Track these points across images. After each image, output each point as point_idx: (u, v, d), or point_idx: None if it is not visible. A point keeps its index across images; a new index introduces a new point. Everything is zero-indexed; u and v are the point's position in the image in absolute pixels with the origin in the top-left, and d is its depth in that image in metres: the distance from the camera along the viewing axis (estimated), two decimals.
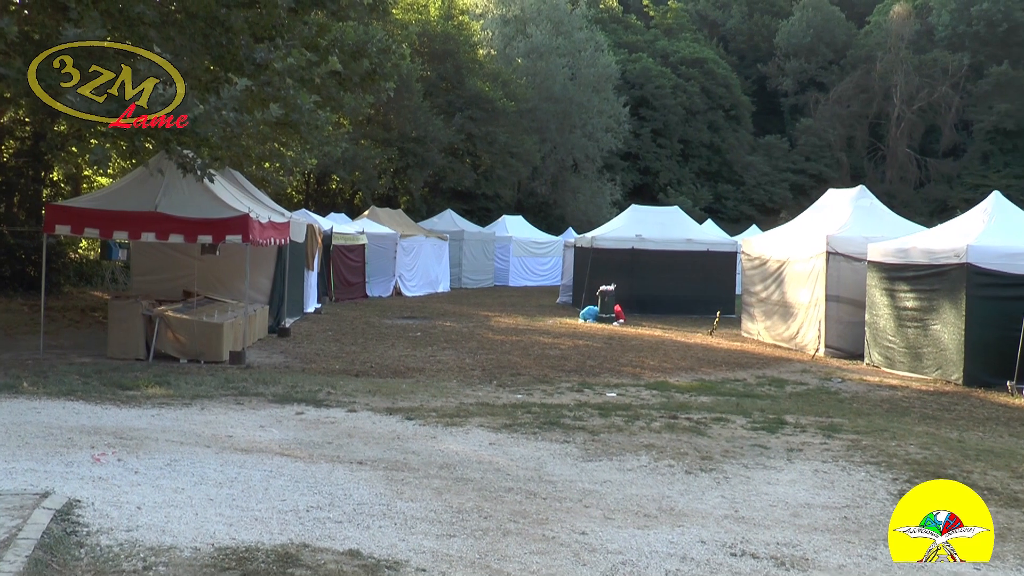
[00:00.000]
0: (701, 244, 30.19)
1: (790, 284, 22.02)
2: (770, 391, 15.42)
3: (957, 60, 72.90)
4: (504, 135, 46.34)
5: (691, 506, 7.74)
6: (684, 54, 71.46)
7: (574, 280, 31.42)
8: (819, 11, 78.68)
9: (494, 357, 18.03)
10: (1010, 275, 16.13)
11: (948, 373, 16.90)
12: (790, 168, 72.46)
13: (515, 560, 6.04)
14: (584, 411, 12.13)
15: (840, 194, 23.80)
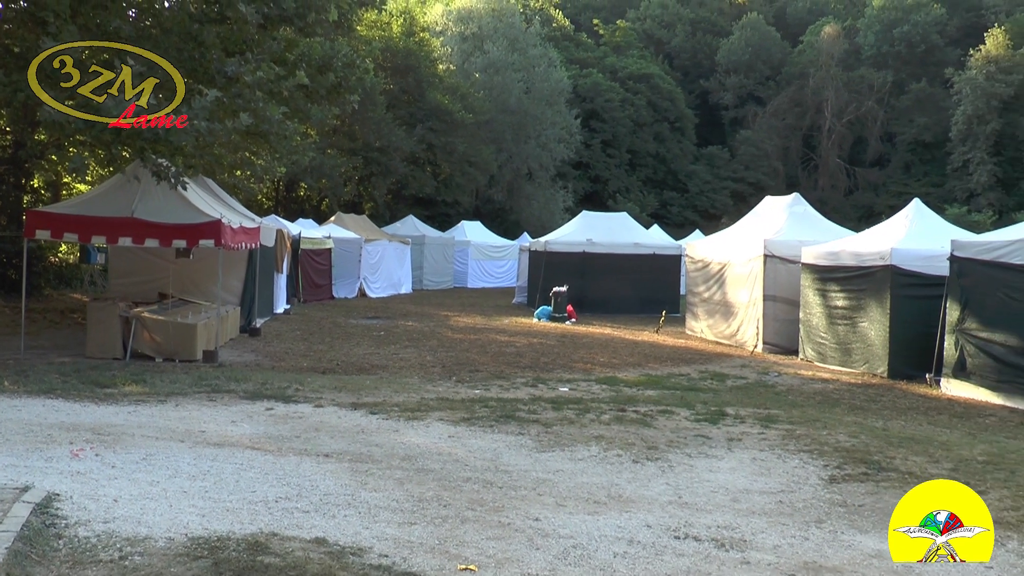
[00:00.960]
0: (648, 248, 30.28)
1: (731, 285, 22.16)
2: (712, 385, 15.51)
3: (882, 77, 73.97)
4: (463, 145, 46.36)
5: (638, 493, 7.76)
6: (632, 70, 71.70)
7: (529, 282, 31.46)
8: (756, 31, 79.34)
9: (454, 355, 17.99)
10: (929, 276, 16.32)
11: (874, 367, 17.10)
12: (730, 177, 72.96)
13: (472, 545, 6.02)
14: (538, 405, 12.11)
15: (776, 201, 23.99)
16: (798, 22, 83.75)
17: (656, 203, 67.38)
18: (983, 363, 14.78)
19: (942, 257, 15.80)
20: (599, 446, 9.56)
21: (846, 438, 10.55)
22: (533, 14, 65.05)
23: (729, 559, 6.05)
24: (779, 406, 13.16)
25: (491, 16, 54.43)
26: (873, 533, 6.83)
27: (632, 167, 69.12)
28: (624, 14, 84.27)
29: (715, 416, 11.66)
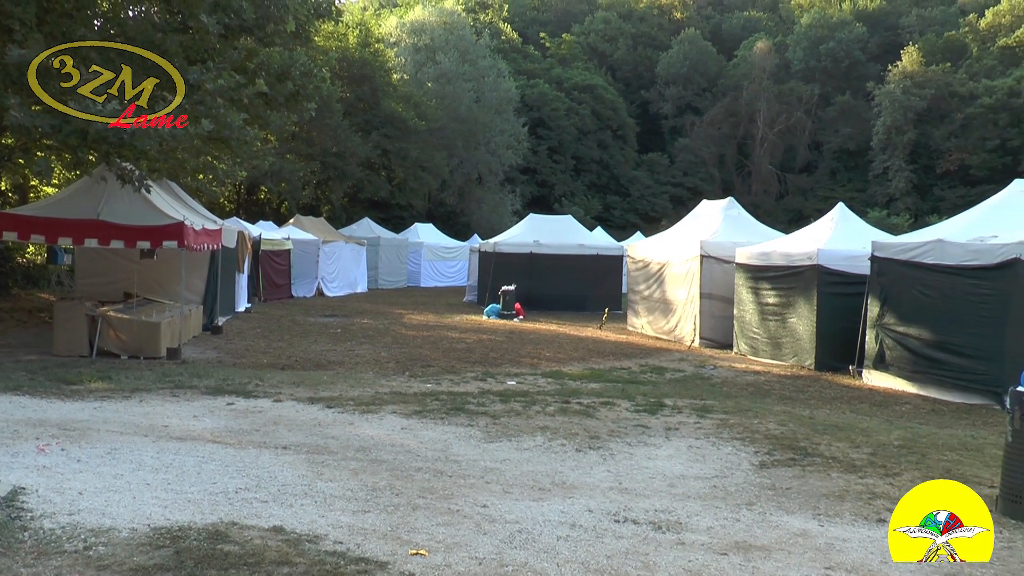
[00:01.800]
0: (591, 249, 30.39)
1: (669, 284, 22.32)
2: (652, 377, 15.60)
3: (809, 90, 74.98)
4: (416, 151, 46.28)
5: (580, 480, 7.79)
6: (576, 81, 71.93)
7: (479, 281, 31.47)
8: (694, 45, 79.99)
9: (407, 351, 17.92)
10: (852, 275, 16.58)
11: (803, 360, 17.33)
12: (670, 182, 73.45)
13: (423, 532, 6.01)
14: (487, 398, 12.12)
15: (712, 205, 24.19)
16: (732, 38, 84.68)
17: (600, 206, 67.63)
18: (900, 355, 15.06)
19: (864, 257, 16.05)
20: (544, 436, 9.58)
21: (775, 426, 10.67)
22: (483, 27, 64.99)
23: (665, 540, 6.10)
24: (714, 397, 13.28)
25: (443, 28, 54.36)
26: (799, 514, 6.93)
27: (577, 172, 69.35)
28: (569, 28, 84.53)
29: (654, 407, 11.72)
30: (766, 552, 5.95)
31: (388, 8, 71.72)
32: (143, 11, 16.94)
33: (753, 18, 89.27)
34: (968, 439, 10.45)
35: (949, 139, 65.73)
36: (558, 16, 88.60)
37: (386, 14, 61.96)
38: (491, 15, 74.42)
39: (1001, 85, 64.57)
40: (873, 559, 5.91)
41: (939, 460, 9.07)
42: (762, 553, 5.92)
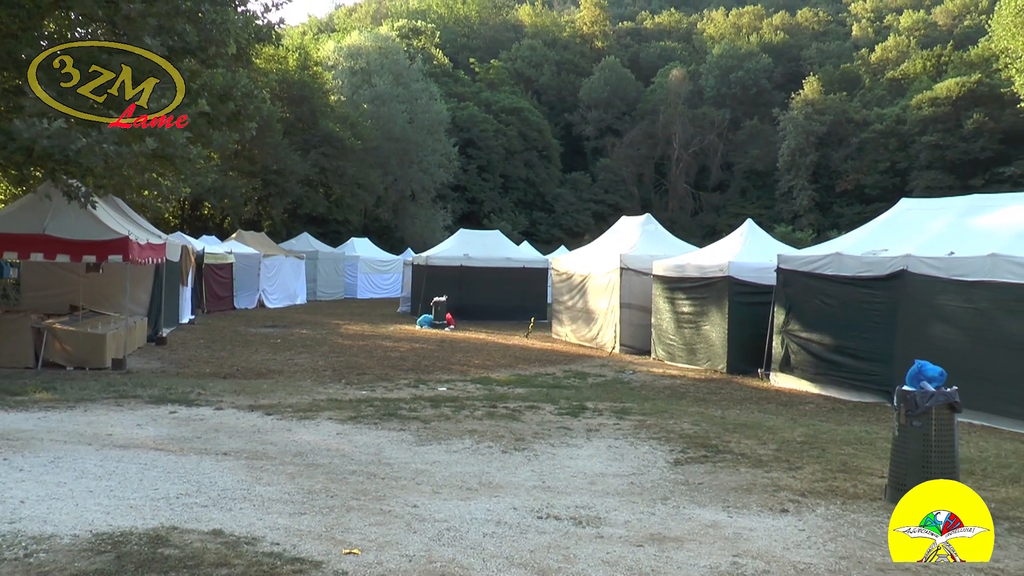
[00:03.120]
0: (518, 262, 30.49)
1: (591, 294, 22.47)
2: (575, 382, 15.68)
3: (721, 115, 76.47)
4: (352, 169, 46.02)
5: (506, 480, 7.79)
6: (504, 104, 72.17)
7: (412, 292, 31.31)
8: (614, 72, 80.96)
9: (343, 359, 17.75)
10: (760, 285, 16.89)
11: (715, 364, 17.58)
12: (592, 199, 73.97)
13: (356, 532, 5.95)
14: (418, 403, 12.05)
15: (631, 220, 24.42)
16: (650, 65, 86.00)
17: (526, 222, 67.88)
18: (804, 359, 15.39)
19: (770, 269, 16.36)
20: (472, 439, 9.57)
21: (690, 426, 10.80)
22: (416, 52, 64.74)
23: (585, 534, 6.14)
24: (633, 400, 13.38)
25: (378, 53, 54.11)
26: (710, 507, 7.03)
27: (505, 190, 69.52)
28: (497, 54, 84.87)
29: (576, 410, 11.78)
30: (679, 543, 6.02)
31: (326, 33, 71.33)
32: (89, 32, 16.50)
33: (668, 48, 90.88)
34: (863, 434, 10.73)
35: (846, 161, 67.48)
36: (487, 43, 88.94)
37: (324, 39, 61.49)
38: (423, 41, 74.26)
39: (890, 113, 66.60)
40: (777, 546, 6.02)
41: (837, 454, 9.29)
42: (675, 544, 5.99)
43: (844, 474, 8.32)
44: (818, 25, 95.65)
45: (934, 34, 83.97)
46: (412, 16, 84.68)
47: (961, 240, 13.24)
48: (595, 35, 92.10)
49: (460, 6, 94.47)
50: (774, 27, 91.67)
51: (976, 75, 60.61)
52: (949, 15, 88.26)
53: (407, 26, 75.22)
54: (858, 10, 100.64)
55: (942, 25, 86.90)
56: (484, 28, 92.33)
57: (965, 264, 12.57)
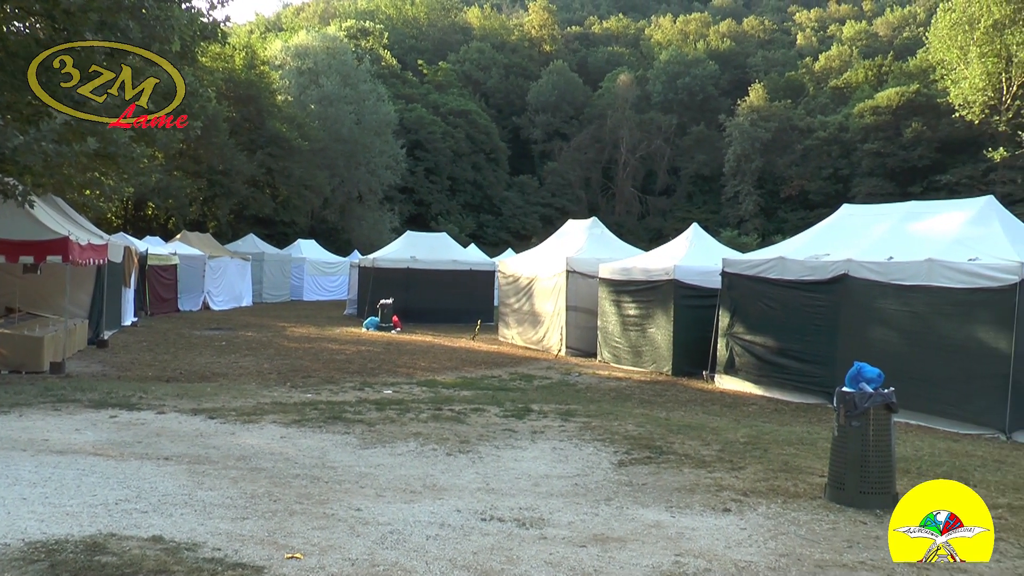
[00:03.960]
0: (465, 264, 30.44)
1: (538, 297, 22.52)
2: (520, 385, 15.67)
3: (668, 120, 77.31)
4: (299, 170, 45.66)
5: (450, 482, 7.74)
6: (452, 106, 72.16)
7: (359, 295, 31.09)
8: (562, 76, 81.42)
9: (289, 362, 17.54)
10: (705, 288, 17.08)
11: (661, 366, 17.72)
12: (539, 202, 74.27)
13: (299, 536, 5.87)
14: (364, 406, 11.94)
15: (578, 224, 24.53)
16: (597, 70, 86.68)
17: (474, 225, 67.92)
18: (748, 361, 15.59)
19: (715, 273, 16.55)
20: (417, 442, 9.49)
21: (634, 427, 10.85)
22: (364, 53, 64.41)
23: (529, 536, 6.12)
24: (578, 402, 13.41)
25: (326, 53, 53.72)
26: (653, 507, 7.05)
27: (452, 192, 69.47)
28: (446, 56, 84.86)
29: (521, 412, 11.77)
30: (622, 543, 6.03)
31: (274, 32, 70.57)
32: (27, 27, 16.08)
33: (616, 53, 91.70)
34: (804, 434, 10.90)
35: (791, 167, 68.61)
36: (435, 45, 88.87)
37: (272, 38, 60.82)
38: (372, 42, 73.86)
39: (833, 120, 67.94)
40: (719, 545, 6.07)
41: (779, 454, 9.41)
42: (618, 544, 6.00)
43: (785, 473, 8.42)
44: (763, 33, 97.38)
45: (875, 45, 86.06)
46: (360, 16, 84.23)
47: (900, 245, 13.56)
48: (543, 39, 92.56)
49: (409, 7, 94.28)
50: (720, 34, 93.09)
51: (915, 85, 62.12)
52: (889, 26, 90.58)
53: (355, 26, 74.80)
54: (802, 20, 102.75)
55: (883, 36, 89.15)
56: (432, 30, 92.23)
57: (903, 269, 12.88)
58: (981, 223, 13.29)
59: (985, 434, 11.71)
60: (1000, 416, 11.64)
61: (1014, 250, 12.16)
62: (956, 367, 12.09)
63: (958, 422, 12.06)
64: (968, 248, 12.52)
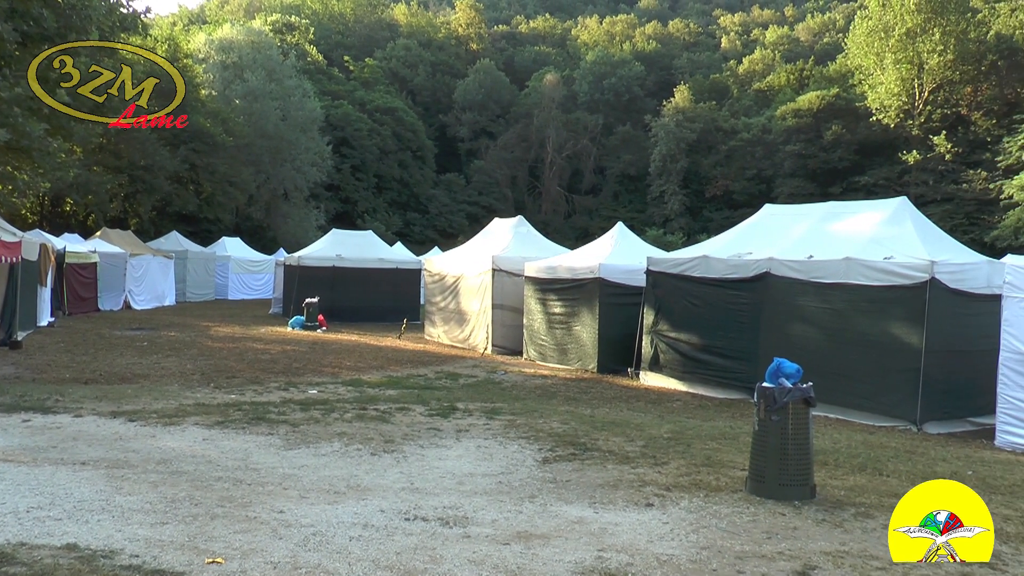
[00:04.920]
0: (391, 263, 30.25)
1: (464, 295, 22.49)
2: (446, 383, 15.65)
3: (594, 120, 77.86)
4: (224, 166, 44.77)
5: (374, 482, 7.69)
6: (378, 103, 71.60)
7: (284, 293, 30.71)
8: (489, 75, 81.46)
9: (212, 362, 17.19)
10: (630, 286, 17.28)
11: (586, 364, 17.86)
12: (466, 200, 74.17)
13: (220, 540, 5.77)
14: (288, 407, 11.77)
15: (503, 222, 24.59)
16: (524, 69, 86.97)
17: (400, 223, 67.52)
18: (672, 358, 15.81)
19: (640, 271, 16.76)
20: (341, 442, 9.40)
21: (559, 425, 10.91)
22: (289, 48, 63.51)
23: (452, 535, 6.12)
24: (504, 400, 13.45)
25: (250, 48, 52.77)
26: (577, 504, 7.10)
27: (379, 190, 68.95)
28: (372, 53, 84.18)
29: (447, 411, 11.74)
30: (545, 539, 6.06)
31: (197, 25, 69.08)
32: None
33: (543, 52, 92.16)
34: (727, 429, 11.11)
35: (715, 168, 69.75)
36: (361, 41, 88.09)
37: (195, 30, 59.48)
38: (297, 36, 72.89)
39: (756, 122, 69.26)
40: (641, 539, 6.14)
41: (702, 449, 9.57)
42: (541, 541, 6.03)
43: (708, 468, 8.56)
44: (689, 36, 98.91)
45: (797, 49, 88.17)
46: (286, 11, 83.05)
47: (819, 244, 13.92)
48: (470, 37, 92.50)
49: (335, 3, 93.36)
50: (646, 36, 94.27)
51: (834, 89, 63.72)
52: (810, 32, 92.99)
53: (281, 21, 73.75)
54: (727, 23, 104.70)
55: (804, 41, 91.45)
56: (359, 26, 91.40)
57: (822, 267, 13.23)
58: (895, 223, 13.74)
59: (898, 426, 12.12)
60: (912, 408, 12.07)
61: (925, 249, 12.63)
62: (872, 362, 12.50)
63: (873, 415, 12.46)
64: (883, 247, 12.93)
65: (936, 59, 53.26)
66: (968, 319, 12.17)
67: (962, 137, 54.18)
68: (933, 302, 11.91)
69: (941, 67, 53.62)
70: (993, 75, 54.07)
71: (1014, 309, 10.89)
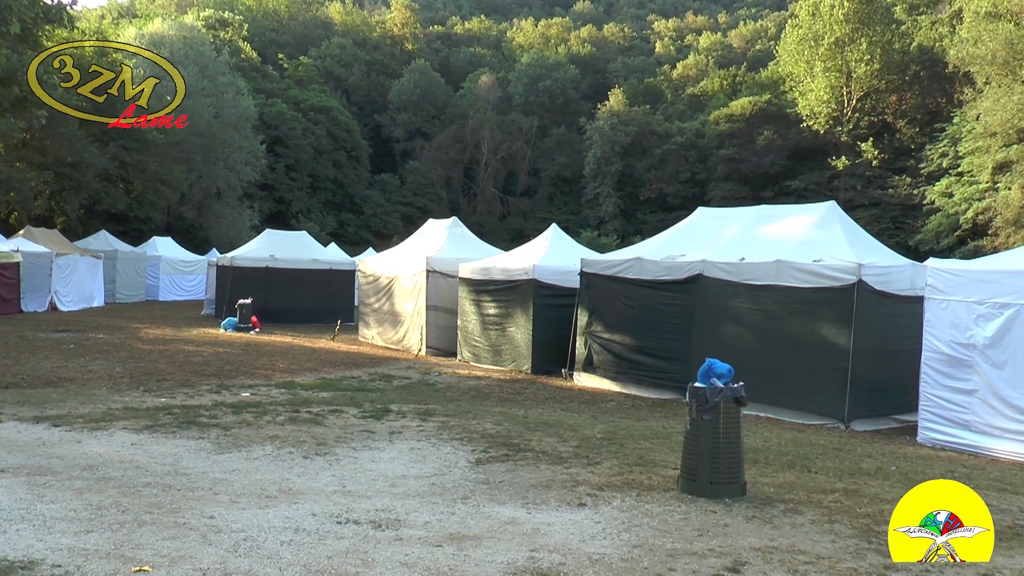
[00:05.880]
0: (325, 263, 29.96)
1: (398, 296, 22.38)
2: (380, 385, 15.56)
3: (529, 122, 78.04)
4: (155, 164, 43.75)
5: (306, 485, 7.61)
6: (313, 102, 70.83)
7: (217, 294, 30.18)
8: (424, 75, 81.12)
9: (142, 365, 16.79)
10: (563, 288, 17.39)
11: (520, 365, 17.91)
12: (401, 201, 73.77)
13: (148, 547, 5.64)
14: (220, 410, 11.59)
15: (438, 223, 24.53)
16: (459, 70, 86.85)
17: (335, 223, 66.90)
18: (606, 359, 15.95)
19: (574, 273, 16.87)
20: (273, 445, 9.29)
21: (492, 426, 10.93)
22: (222, 44, 62.36)
23: (384, 537, 6.08)
24: (437, 401, 13.42)
25: (182, 43, 51.69)
26: (510, 504, 7.12)
27: (313, 190, 68.23)
28: (307, 51, 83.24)
29: (380, 413, 11.68)
30: (478, 540, 6.06)
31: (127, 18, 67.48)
32: None
33: (478, 54, 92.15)
34: (660, 429, 11.25)
35: (649, 171, 70.45)
36: (296, 39, 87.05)
37: (125, 24, 58.02)
38: (231, 33, 71.62)
39: (690, 127, 70.26)
40: (573, 539, 6.18)
41: (635, 448, 9.67)
42: (474, 542, 6.03)
43: (640, 467, 8.66)
44: (623, 40, 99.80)
45: (730, 55, 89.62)
46: (219, 7, 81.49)
47: (751, 247, 14.18)
48: (406, 37, 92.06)
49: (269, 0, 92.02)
50: (582, 40, 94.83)
51: (766, 95, 65.01)
52: (743, 39, 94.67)
53: (214, 16, 72.35)
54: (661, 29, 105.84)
55: (737, 48, 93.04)
56: (293, 23, 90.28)
57: (754, 269, 13.49)
58: (824, 227, 14.08)
59: (827, 424, 12.43)
60: (840, 407, 12.40)
61: (853, 252, 12.98)
62: (801, 362, 12.79)
63: (803, 413, 12.76)
64: (813, 250, 13.24)
65: (863, 68, 54.90)
66: (893, 320, 12.53)
67: (888, 144, 55.80)
68: (860, 303, 12.23)
69: (868, 76, 55.28)
70: (916, 85, 55.92)
71: (935, 310, 11.27)
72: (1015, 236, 37.21)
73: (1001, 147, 39.81)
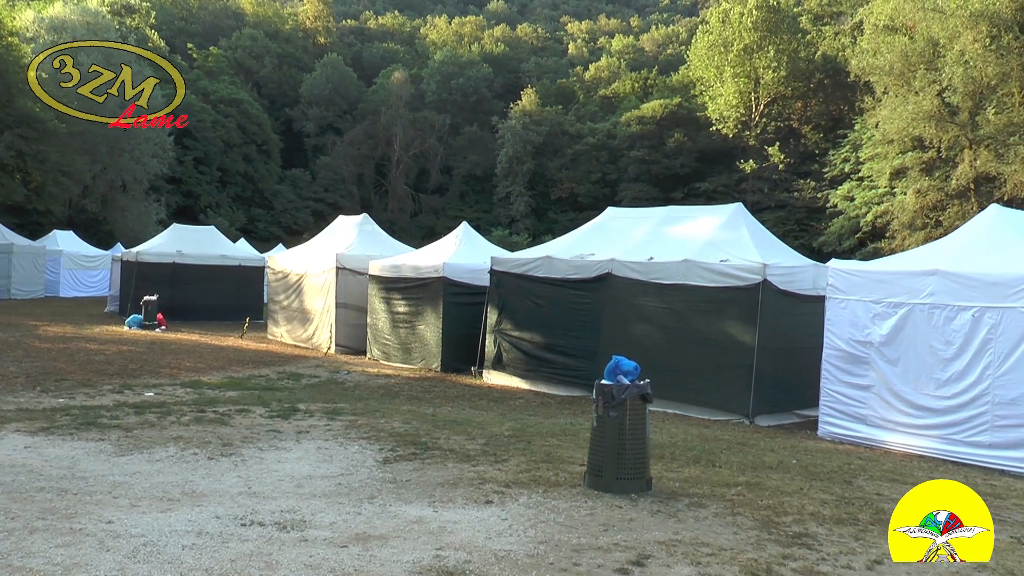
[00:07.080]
0: (234, 259, 29.32)
1: (308, 294, 22.11)
2: (288, 384, 15.36)
3: (442, 119, 77.93)
4: (55, 154, 42.09)
5: (211, 487, 7.46)
6: (223, 94, 69.22)
7: (121, 291, 29.23)
8: (336, 70, 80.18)
9: (40, 364, 16.13)
10: (473, 286, 17.44)
11: (430, 363, 17.89)
12: (312, 197, 72.78)
13: (40, 555, 5.44)
14: (122, 410, 11.26)
15: (348, 220, 24.34)
16: (372, 66, 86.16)
17: (244, 219, 65.62)
18: (515, 357, 16.05)
19: (484, 271, 16.93)
20: (177, 446, 9.08)
21: (400, 424, 10.89)
22: (129, 32, 60.40)
23: (289, 539, 6.01)
24: (346, 400, 13.31)
25: (85, 29, 49.84)
26: (416, 503, 7.12)
27: (223, 184, 66.75)
28: (217, 41, 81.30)
29: (288, 412, 11.53)
30: (383, 540, 6.05)
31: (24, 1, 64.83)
32: None
33: (391, 50, 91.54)
34: (568, 426, 11.38)
35: (561, 170, 71.01)
36: (206, 28, 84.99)
37: (22, 7, 55.65)
38: (137, 20, 69.39)
39: (602, 128, 71.07)
40: (479, 536, 6.22)
41: (542, 446, 9.76)
42: (380, 542, 6.01)
43: (547, 464, 8.74)
44: (537, 41, 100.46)
45: (642, 59, 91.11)
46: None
47: (659, 247, 14.47)
48: (318, 30, 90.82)
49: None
50: (495, 39, 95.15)
51: (677, 99, 66.26)
52: (655, 43, 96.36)
53: (119, 2, 69.99)
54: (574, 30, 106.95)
55: (648, 51, 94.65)
56: (203, 13, 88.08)
57: (662, 268, 13.77)
58: (731, 228, 14.44)
59: (732, 419, 12.79)
60: (745, 403, 12.75)
61: (758, 253, 13.36)
62: (708, 359, 13.12)
63: (709, 409, 13.09)
64: (720, 250, 13.57)
65: (770, 75, 56.52)
66: (796, 318, 12.94)
67: (794, 149, 57.44)
68: (765, 302, 12.60)
69: (775, 82, 56.93)
70: (820, 92, 57.82)
71: (836, 309, 11.71)
72: (910, 239, 38.69)
73: (898, 154, 41.43)
